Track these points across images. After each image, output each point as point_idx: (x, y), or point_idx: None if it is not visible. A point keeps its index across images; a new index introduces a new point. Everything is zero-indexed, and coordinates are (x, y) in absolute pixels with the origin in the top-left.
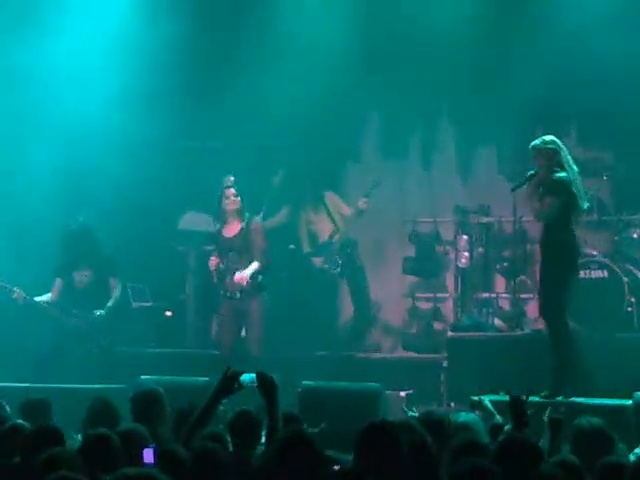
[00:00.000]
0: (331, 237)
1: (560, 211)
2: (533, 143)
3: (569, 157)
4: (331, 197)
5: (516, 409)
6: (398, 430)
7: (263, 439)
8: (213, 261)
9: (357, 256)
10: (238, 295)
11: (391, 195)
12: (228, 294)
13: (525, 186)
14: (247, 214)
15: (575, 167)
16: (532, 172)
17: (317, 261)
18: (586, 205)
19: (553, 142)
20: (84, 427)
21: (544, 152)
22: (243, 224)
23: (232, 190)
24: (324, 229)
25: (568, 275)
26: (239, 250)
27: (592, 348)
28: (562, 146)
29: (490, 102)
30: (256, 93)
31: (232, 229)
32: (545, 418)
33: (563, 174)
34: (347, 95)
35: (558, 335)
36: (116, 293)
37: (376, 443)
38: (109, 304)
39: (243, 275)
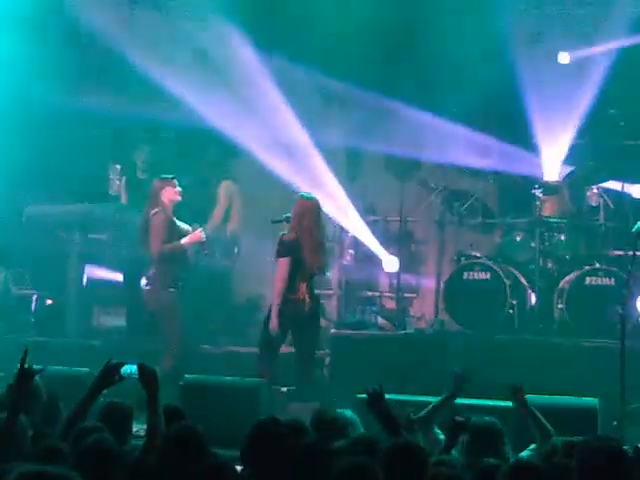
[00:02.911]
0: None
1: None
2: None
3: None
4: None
5: (374, 406)
6: (285, 429)
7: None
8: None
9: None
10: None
11: (278, 191)
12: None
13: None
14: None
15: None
16: (288, 215)
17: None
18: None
19: (312, 200)
20: None
21: (298, 205)
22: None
23: None
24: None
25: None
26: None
27: (473, 349)
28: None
29: (378, 101)
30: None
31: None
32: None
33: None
34: None
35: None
36: None
37: (263, 442)
38: None
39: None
